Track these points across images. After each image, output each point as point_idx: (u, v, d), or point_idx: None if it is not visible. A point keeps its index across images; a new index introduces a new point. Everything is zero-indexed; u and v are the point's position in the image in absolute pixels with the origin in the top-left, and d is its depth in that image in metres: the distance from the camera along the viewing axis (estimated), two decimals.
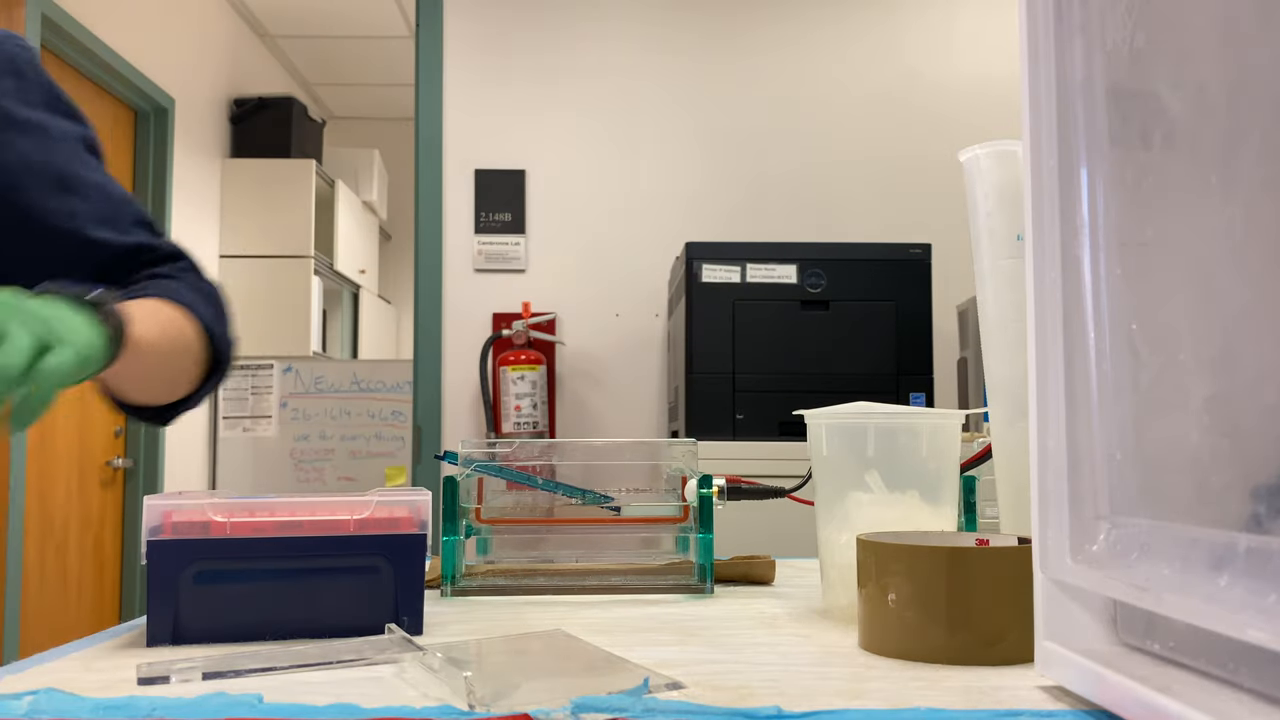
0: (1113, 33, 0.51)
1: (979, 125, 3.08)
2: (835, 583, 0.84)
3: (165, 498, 0.73)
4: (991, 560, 0.64)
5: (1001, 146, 0.90)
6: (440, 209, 3.05)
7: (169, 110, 4.07)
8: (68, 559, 3.54)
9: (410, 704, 0.54)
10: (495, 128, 3.08)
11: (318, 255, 4.86)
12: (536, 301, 3.04)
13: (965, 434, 1.86)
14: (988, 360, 0.91)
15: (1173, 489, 0.48)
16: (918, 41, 3.13)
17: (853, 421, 0.84)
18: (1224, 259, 0.44)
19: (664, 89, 3.10)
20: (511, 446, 1.00)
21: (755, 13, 3.13)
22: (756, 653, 0.68)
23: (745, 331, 2.44)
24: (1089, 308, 0.53)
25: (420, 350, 3.02)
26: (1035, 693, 0.57)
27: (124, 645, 0.72)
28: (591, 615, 0.83)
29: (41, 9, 3.21)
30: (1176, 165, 0.47)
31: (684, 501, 0.97)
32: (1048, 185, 0.56)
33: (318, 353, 4.86)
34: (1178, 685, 0.46)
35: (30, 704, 0.53)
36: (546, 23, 3.11)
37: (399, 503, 0.75)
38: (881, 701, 0.55)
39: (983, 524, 1.02)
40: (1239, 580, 0.41)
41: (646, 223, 3.08)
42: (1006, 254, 0.89)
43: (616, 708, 0.52)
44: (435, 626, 0.79)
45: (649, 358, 3.05)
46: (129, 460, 3.92)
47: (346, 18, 5.10)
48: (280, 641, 0.71)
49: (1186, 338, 0.46)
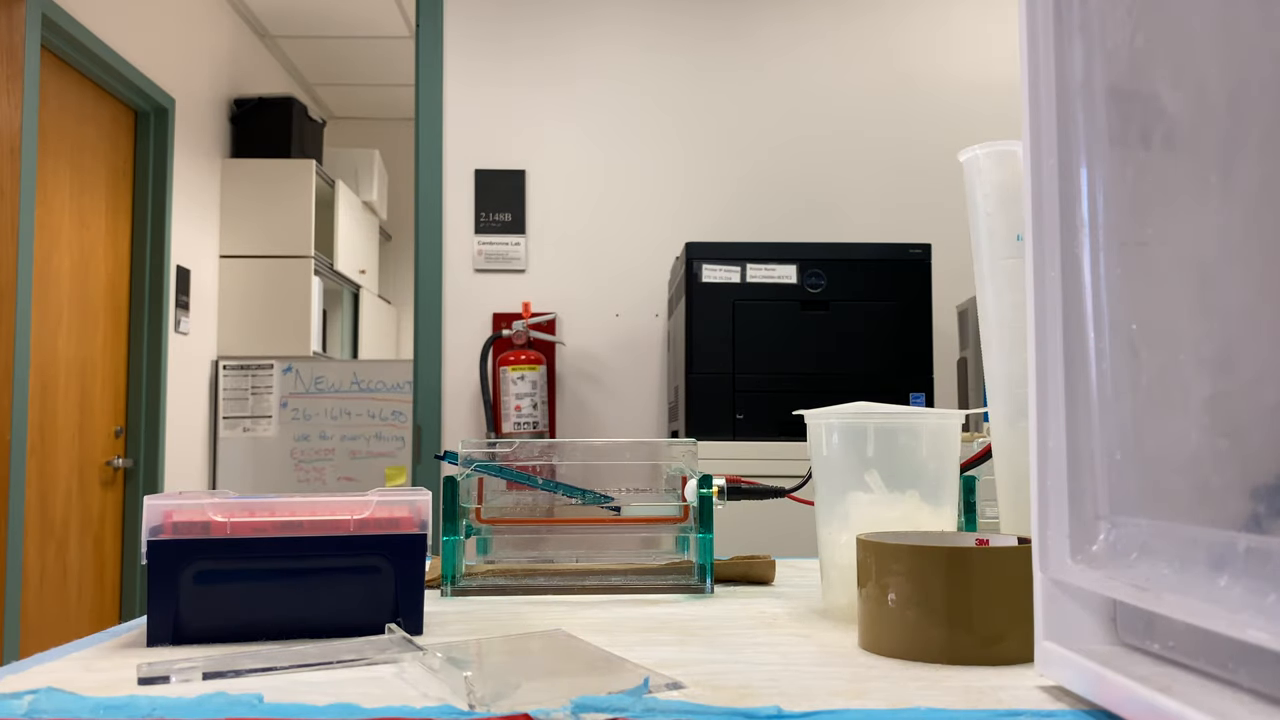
0: (1113, 33, 0.51)
1: (979, 125, 3.08)
2: (835, 583, 0.84)
3: (165, 498, 0.73)
4: (991, 560, 0.64)
5: (1001, 146, 0.90)
6: (440, 209, 3.05)
7: (169, 110, 4.07)
8: (68, 559, 3.54)
9: (410, 704, 0.54)
10: (495, 128, 3.08)
11: (318, 255, 4.86)
12: (536, 301, 3.04)
13: (965, 434, 1.86)
14: (988, 360, 0.91)
15: (1173, 489, 0.48)
16: (918, 42, 3.13)
17: (853, 421, 0.84)
18: (1224, 259, 0.44)
19: (664, 89, 3.10)
20: (511, 446, 1.00)
21: (755, 14, 3.13)
22: (756, 653, 0.68)
23: (745, 331, 2.44)
24: (1089, 308, 0.53)
25: (420, 350, 3.02)
26: (1035, 693, 0.57)
27: (124, 645, 0.72)
28: (591, 615, 0.83)
29: (41, 9, 3.21)
30: (1176, 165, 0.47)
31: (684, 501, 0.97)
32: (1048, 185, 0.56)
33: (318, 353, 4.86)
34: (1178, 685, 0.46)
35: (30, 704, 0.53)
36: (547, 23, 3.11)
37: (399, 503, 0.75)
38: (881, 701, 0.55)
39: (983, 524, 1.02)
40: (1239, 580, 0.41)
41: (646, 223, 3.08)
42: (1006, 254, 0.89)
43: (616, 708, 0.52)
44: (435, 626, 0.79)
45: (649, 358, 3.05)
46: (129, 460, 3.92)
47: (346, 18, 5.10)
48: (280, 641, 0.71)
49: (1186, 338, 0.46)
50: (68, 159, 3.54)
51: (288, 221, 4.71)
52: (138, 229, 4.00)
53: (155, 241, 4.01)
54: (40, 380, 3.37)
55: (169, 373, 4.10)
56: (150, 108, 4.01)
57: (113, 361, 3.86)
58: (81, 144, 3.63)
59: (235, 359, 4.60)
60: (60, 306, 3.50)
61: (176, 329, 4.16)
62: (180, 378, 4.22)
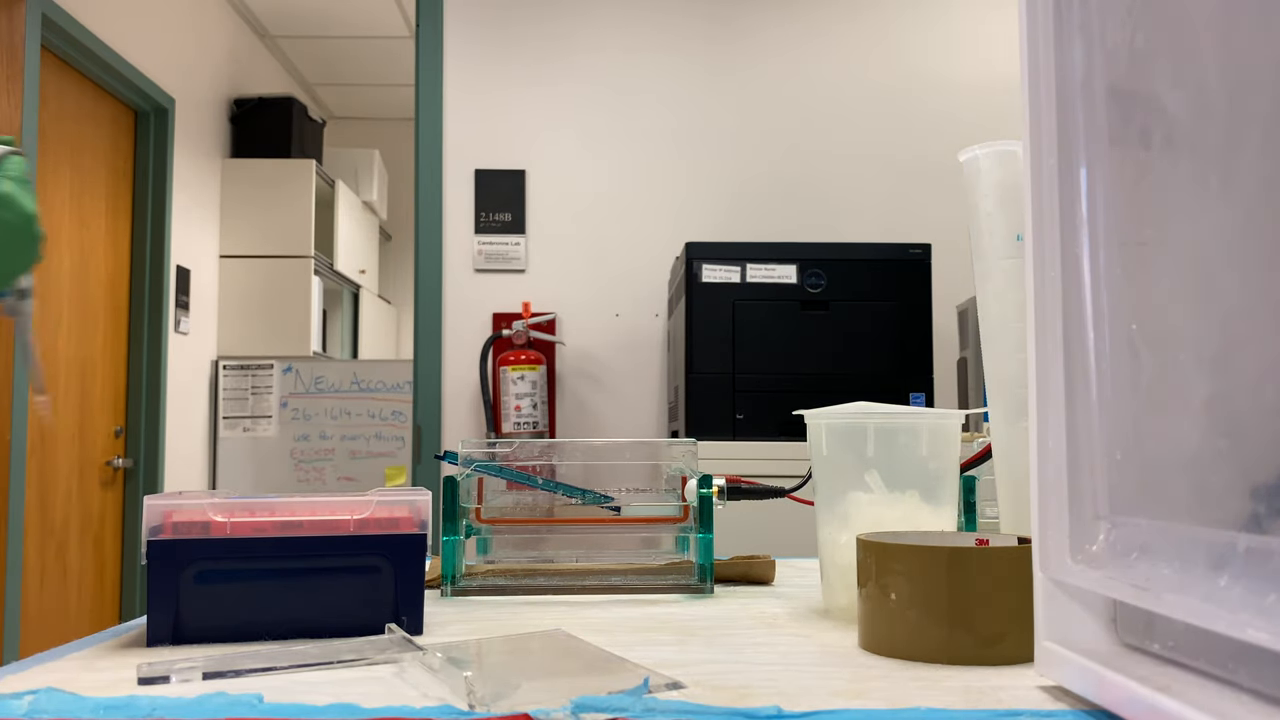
0: (1113, 33, 0.51)
1: (979, 125, 3.08)
2: (835, 583, 0.84)
3: (165, 498, 0.73)
4: (991, 560, 0.64)
5: (1001, 146, 0.90)
6: (440, 209, 3.05)
7: (169, 110, 4.07)
8: (68, 559, 3.54)
9: (410, 704, 0.54)
10: (495, 128, 3.08)
11: (318, 255, 4.86)
12: (536, 301, 3.04)
13: (965, 434, 1.85)
14: (988, 360, 0.91)
15: (1173, 489, 0.48)
16: (918, 41, 3.13)
17: (852, 421, 0.84)
18: (1224, 259, 0.44)
19: (664, 89, 3.10)
20: (511, 446, 1.00)
21: (754, 14, 3.13)
22: (756, 653, 0.68)
23: (745, 331, 2.44)
24: (1089, 308, 0.53)
25: (420, 350, 3.02)
26: (1035, 693, 0.57)
27: (124, 645, 0.72)
28: (591, 615, 0.83)
29: (41, 9, 3.21)
30: (1176, 165, 0.47)
31: (684, 501, 0.97)
32: (1048, 185, 0.56)
33: (318, 353, 4.86)
34: (1178, 685, 0.46)
35: (30, 704, 0.53)
36: (547, 23, 3.11)
37: (399, 503, 0.75)
38: (881, 701, 0.55)
39: (983, 524, 1.02)
40: (1239, 580, 0.41)
41: (646, 223, 3.08)
42: (1006, 254, 0.89)
43: (616, 708, 0.52)
44: (435, 626, 0.79)
45: (649, 358, 3.05)
46: (129, 460, 3.92)
47: (346, 18, 5.10)
48: (280, 641, 0.71)
49: (1186, 338, 0.46)
50: (68, 159, 3.54)
51: (288, 221, 4.71)
52: (138, 229, 4.00)
53: (155, 241, 4.01)
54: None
55: (169, 373, 4.10)
56: (150, 108, 4.01)
57: (113, 361, 3.86)
58: (81, 144, 3.63)
59: (235, 359, 4.60)
60: (60, 306, 3.50)
61: (176, 329, 4.16)
62: (180, 378, 4.22)
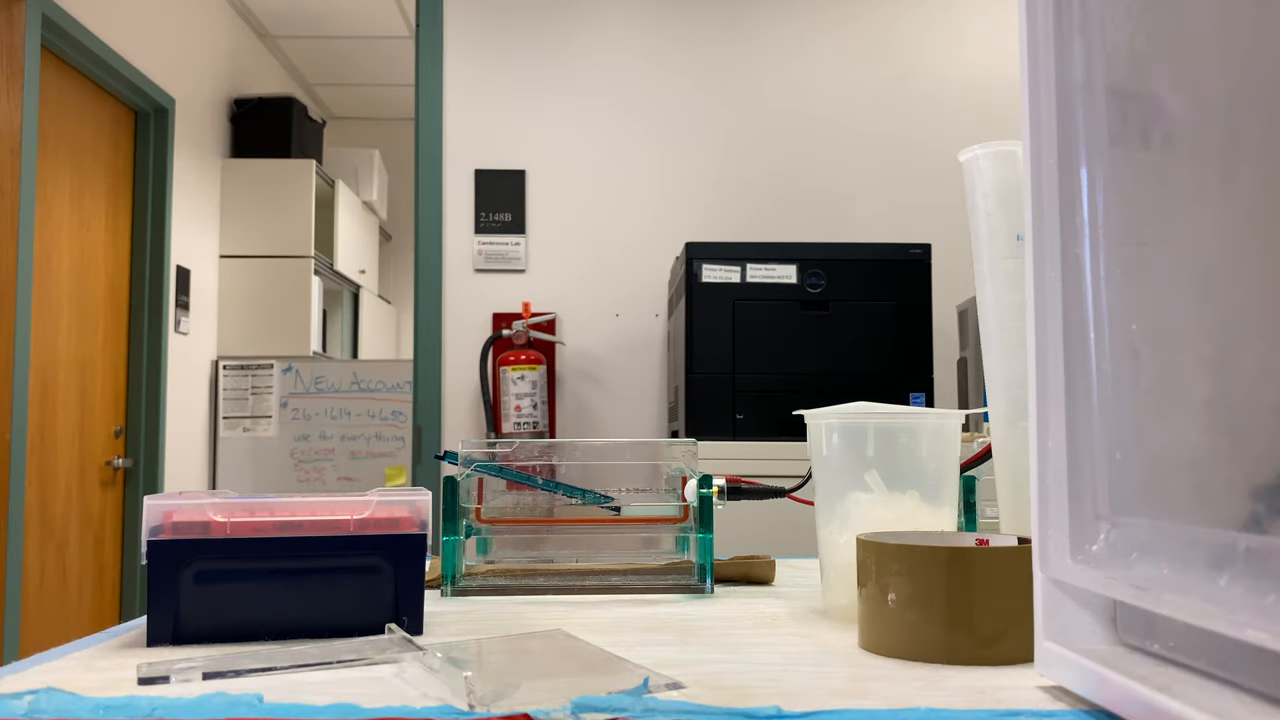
0: (1113, 33, 0.51)
1: (979, 125, 3.08)
2: (835, 583, 0.84)
3: (165, 498, 0.73)
4: (991, 560, 0.64)
5: (1001, 146, 0.90)
6: (440, 209, 3.05)
7: (169, 110, 4.07)
8: (68, 559, 3.54)
9: (410, 704, 0.54)
10: (495, 128, 3.08)
11: (318, 255, 4.86)
12: (536, 301, 3.04)
13: (965, 434, 1.86)
14: (988, 360, 0.91)
15: (1173, 489, 0.48)
16: (918, 42, 3.13)
17: (853, 421, 0.84)
18: (1224, 259, 0.44)
19: (664, 89, 3.10)
20: (511, 446, 1.00)
21: (754, 15, 3.13)
22: (756, 653, 0.68)
23: (745, 331, 2.44)
24: (1089, 308, 0.53)
25: (420, 350, 3.02)
26: (1035, 693, 0.57)
27: (124, 645, 0.72)
28: (591, 615, 0.83)
29: (41, 9, 3.21)
30: (1176, 165, 0.47)
31: (684, 501, 0.97)
32: (1048, 185, 0.56)
33: (318, 353, 4.86)
34: (1178, 685, 0.46)
35: (30, 704, 0.53)
36: (547, 23, 3.11)
37: (399, 503, 0.75)
38: (881, 701, 0.55)
39: (983, 524, 1.02)
40: (1239, 580, 0.41)
41: (646, 223, 3.08)
42: (1006, 254, 0.89)
43: (616, 708, 0.52)
44: (435, 626, 0.79)
45: (649, 358, 3.05)
46: (129, 460, 3.92)
47: (346, 18, 5.10)
48: (280, 641, 0.71)
49: (1186, 338, 0.46)
50: (68, 159, 3.54)
51: (288, 221, 4.71)
52: (137, 229, 4.00)
53: (155, 241, 4.01)
54: (40, 380, 3.37)
55: (169, 373, 4.10)
56: (150, 108, 4.01)
57: (113, 361, 3.86)
58: (81, 144, 3.63)
59: (235, 359, 4.60)
60: (60, 306, 3.50)
61: (176, 329, 4.16)
62: (180, 378, 4.22)
